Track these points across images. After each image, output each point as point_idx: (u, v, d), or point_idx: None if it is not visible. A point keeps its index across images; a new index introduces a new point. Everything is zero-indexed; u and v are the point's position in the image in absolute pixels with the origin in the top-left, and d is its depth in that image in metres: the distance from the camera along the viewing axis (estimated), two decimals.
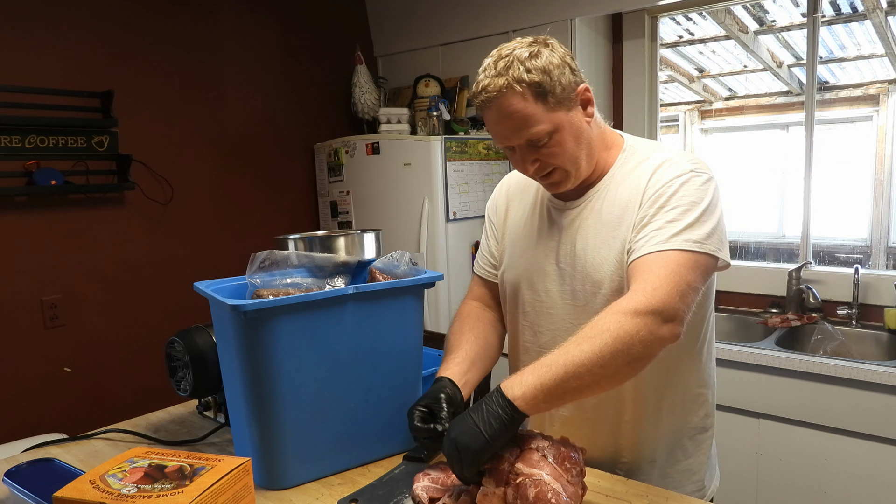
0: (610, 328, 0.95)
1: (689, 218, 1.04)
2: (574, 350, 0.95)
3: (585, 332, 0.98)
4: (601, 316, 0.99)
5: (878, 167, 4.90)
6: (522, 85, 1.05)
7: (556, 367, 0.95)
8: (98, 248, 2.51)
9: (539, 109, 1.06)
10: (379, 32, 3.47)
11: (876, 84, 4.87)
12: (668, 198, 1.07)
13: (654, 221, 1.06)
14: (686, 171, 1.09)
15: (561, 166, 1.12)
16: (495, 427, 0.92)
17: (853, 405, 2.03)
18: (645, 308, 0.96)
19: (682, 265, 1.01)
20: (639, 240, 1.06)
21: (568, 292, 1.19)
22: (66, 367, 2.43)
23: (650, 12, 2.83)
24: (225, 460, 0.96)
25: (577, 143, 1.11)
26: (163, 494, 0.86)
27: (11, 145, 2.25)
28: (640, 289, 0.99)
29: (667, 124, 5.74)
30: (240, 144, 2.97)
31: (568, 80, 1.09)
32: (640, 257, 1.04)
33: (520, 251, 1.28)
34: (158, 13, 2.66)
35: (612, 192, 1.16)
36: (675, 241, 1.03)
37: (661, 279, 0.99)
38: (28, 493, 1.04)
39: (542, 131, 1.07)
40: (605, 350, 0.94)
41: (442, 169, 2.75)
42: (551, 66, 1.07)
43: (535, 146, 1.09)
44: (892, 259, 4.84)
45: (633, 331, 0.95)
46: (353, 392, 1.18)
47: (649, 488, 1.09)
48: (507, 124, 1.08)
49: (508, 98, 1.06)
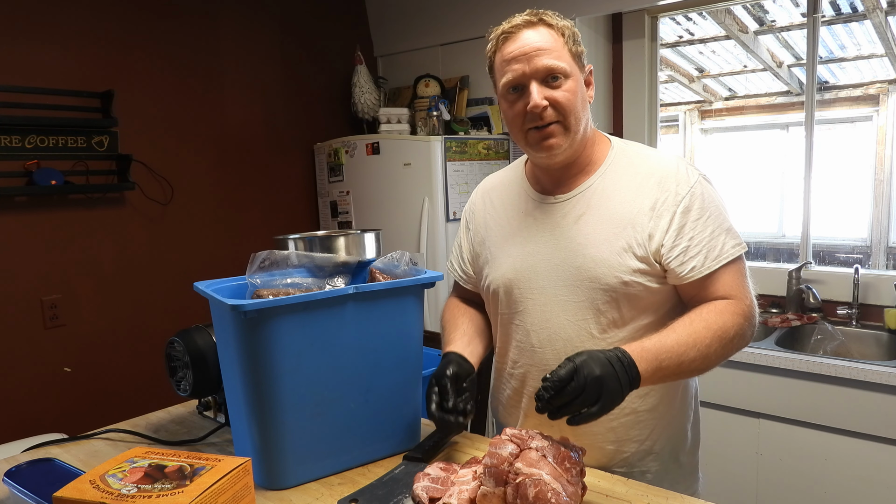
0: (723, 322, 1.08)
1: (725, 223, 1.15)
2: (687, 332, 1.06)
3: (696, 322, 1.08)
4: (710, 311, 1.09)
5: (877, 167, 4.90)
6: (556, 24, 1.14)
7: (671, 345, 1.04)
8: (98, 249, 2.51)
9: (565, 50, 1.13)
10: (379, 32, 3.47)
11: (876, 84, 4.87)
12: (701, 209, 1.14)
13: (701, 232, 1.13)
14: (696, 176, 1.16)
15: (565, 118, 1.13)
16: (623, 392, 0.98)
17: (853, 405, 2.03)
18: (746, 316, 1.12)
19: (743, 269, 1.16)
20: (696, 254, 1.12)
21: (563, 288, 1.18)
22: (66, 367, 2.43)
23: (650, 12, 2.83)
24: (225, 460, 0.96)
25: (582, 107, 1.15)
26: (163, 494, 0.86)
27: (11, 145, 2.25)
28: (740, 298, 1.12)
29: (667, 124, 5.74)
30: (240, 144, 2.97)
31: (584, 50, 1.17)
32: (715, 271, 1.12)
33: (507, 251, 1.26)
34: (158, 13, 2.66)
35: (610, 189, 1.18)
36: (730, 250, 1.13)
37: (744, 288, 1.14)
38: (28, 493, 1.04)
39: (563, 67, 1.12)
40: (716, 342, 1.07)
41: (442, 169, 2.75)
42: (575, 30, 1.17)
43: (550, 82, 1.12)
44: (892, 259, 4.84)
45: (740, 330, 1.10)
46: (353, 392, 1.18)
47: (649, 488, 1.09)
48: (532, 50, 1.11)
49: (539, 27, 1.13)
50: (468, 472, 1.03)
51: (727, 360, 1.12)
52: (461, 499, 0.97)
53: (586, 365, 0.95)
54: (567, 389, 0.94)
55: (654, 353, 1.02)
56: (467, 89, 3.15)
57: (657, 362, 1.01)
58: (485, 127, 3.08)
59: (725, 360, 1.12)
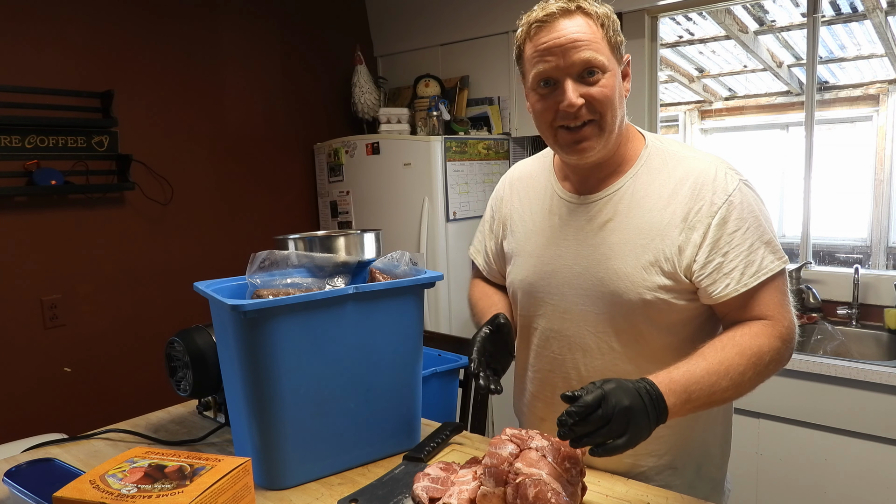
0: (758, 347, 1.00)
1: (765, 235, 1.05)
2: (719, 360, 0.98)
3: (728, 348, 1.00)
4: (744, 335, 1.01)
5: (877, 167, 4.90)
6: (592, 12, 1.03)
7: (701, 373, 0.96)
8: (98, 248, 2.51)
9: (603, 42, 1.03)
10: (379, 32, 3.47)
11: (876, 84, 4.87)
12: (739, 219, 1.04)
13: (739, 245, 1.03)
14: (736, 181, 1.06)
15: (602, 116, 1.04)
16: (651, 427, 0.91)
17: (853, 405, 2.03)
18: (784, 340, 1.03)
19: (783, 286, 1.06)
20: (732, 269, 1.03)
21: (585, 299, 1.12)
22: (66, 367, 2.43)
23: (650, 12, 2.83)
24: (225, 460, 0.96)
25: (619, 103, 1.06)
26: (163, 494, 0.86)
27: (11, 145, 2.25)
28: (778, 319, 1.03)
29: (667, 124, 5.75)
30: (240, 144, 2.97)
31: (623, 39, 1.07)
32: (752, 289, 1.03)
33: (529, 250, 1.20)
34: (159, 13, 2.66)
35: (640, 194, 1.09)
36: (769, 265, 1.04)
37: (784, 308, 1.04)
38: (28, 493, 1.04)
39: (603, 60, 1.02)
40: (751, 368, 0.99)
41: (442, 169, 2.75)
42: (614, 17, 1.07)
43: (586, 78, 1.02)
44: (892, 259, 4.84)
45: (776, 355, 1.02)
46: (353, 392, 1.18)
47: (649, 488, 1.09)
48: (569, 43, 1.01)
49: (576, 16, 1.02)
50: (468, 472, 1.03)
51: None
52: (461, 499, 0.97)
53: (615, 394, 0.88)
54: (592, 417, 0.86)
55: (683, 385, 0.94)
56: (467, 89, 3.15)
57: (686, 394, 0.94)
58: (485, 127, 3.08)
59: (761, 383, 1.04)
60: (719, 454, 1.24)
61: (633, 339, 1.10)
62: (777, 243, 1.06)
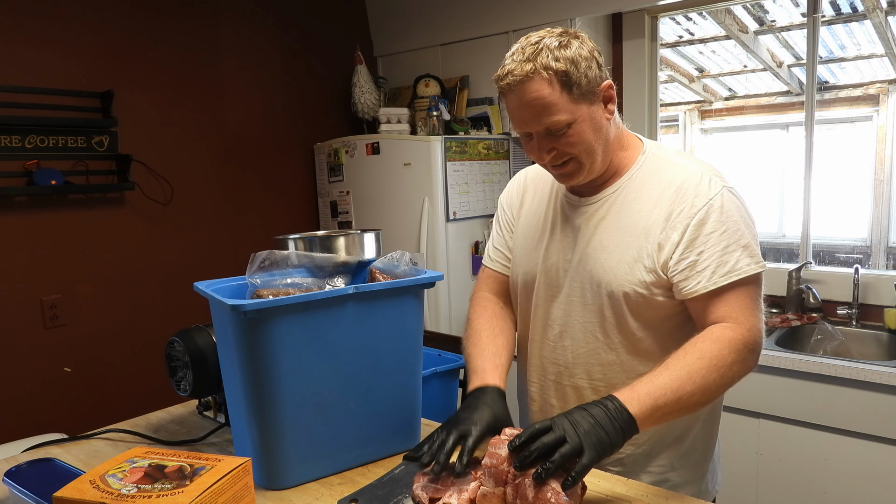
0: (718, 352, 1.03)
1: (743, 240, 1.09)
2: (683, 368, 1.02)
3: (690, 355, 1.03)
4: (705, 342, 1.05)
5: (877, 167, 4.90)
6: (549, 72, 1.05)
7: (665, 383, 1.00)
8: (98, 248, 2.51)
9: (563, 98, 1.07)
10: (379, 32, 3.47)
11: (876, 84, 4.87)
12: (717, 221, 1.09)
13: (713, 246, 1.08)
14: (720, 187, 1.11)
15: (576, 157, 1.12)
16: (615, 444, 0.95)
17: (853, 405, 2.03)
18: (746, 343, 1.06)
19: (754, 292, 1.09)
20: (704, 268, 1.08)
21: (576, 289, 1.20)
22: (66, 367, 2.43)
23: (650, 12, 2.83)
24: (225, 460, 0.96)
25: (595, 137, 1.11)
26: (163, 494, 0.86)
27: (11, 145, 2.25)
28: (741, 322, 1.06)
29: (667, 124, 5.74)
30: (240, 144, 2.97)
31: (594, 73, 1.09)
32: (718, 289, 1.07)
33: (532, 244, 1.28)
34: (159, 13, 2.66)
35: (632, 196, 1.16)
36: (742, 268, 1.07)
37: (749, 312, 1.08)
38: (28, 493, 1.04)
39: (563, 121, 1.08)
40: (715, 374, 1.03)
41: (442, 169, 2.75)
42: (580, 57, 1.07)
43: (553, 135, 1.10)
44: (892, 259, 4.84)
45: (739, 359, 1.05)
46: (353, 392, 1.18)
47: (649, 488, 1.09)
48: (529, 110, 1.08)
49: (534, 83, 1.06)
50: (468, 472, 1.03)
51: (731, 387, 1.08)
52: (461, 499, 0.97)
53: (565, 417, 0.95)
54: (543, 439, 0.92)
55: (647, 393, 0.98)
56: (467, 89, 3.15)
57: (652, 401, 0.97)
58: (485, 127, 3.08)
59: (730, 388, 1.09)
60: (701, 446, 1.27)
61: (617, 331, 1.18)
62: (755, 249, 1.10)
